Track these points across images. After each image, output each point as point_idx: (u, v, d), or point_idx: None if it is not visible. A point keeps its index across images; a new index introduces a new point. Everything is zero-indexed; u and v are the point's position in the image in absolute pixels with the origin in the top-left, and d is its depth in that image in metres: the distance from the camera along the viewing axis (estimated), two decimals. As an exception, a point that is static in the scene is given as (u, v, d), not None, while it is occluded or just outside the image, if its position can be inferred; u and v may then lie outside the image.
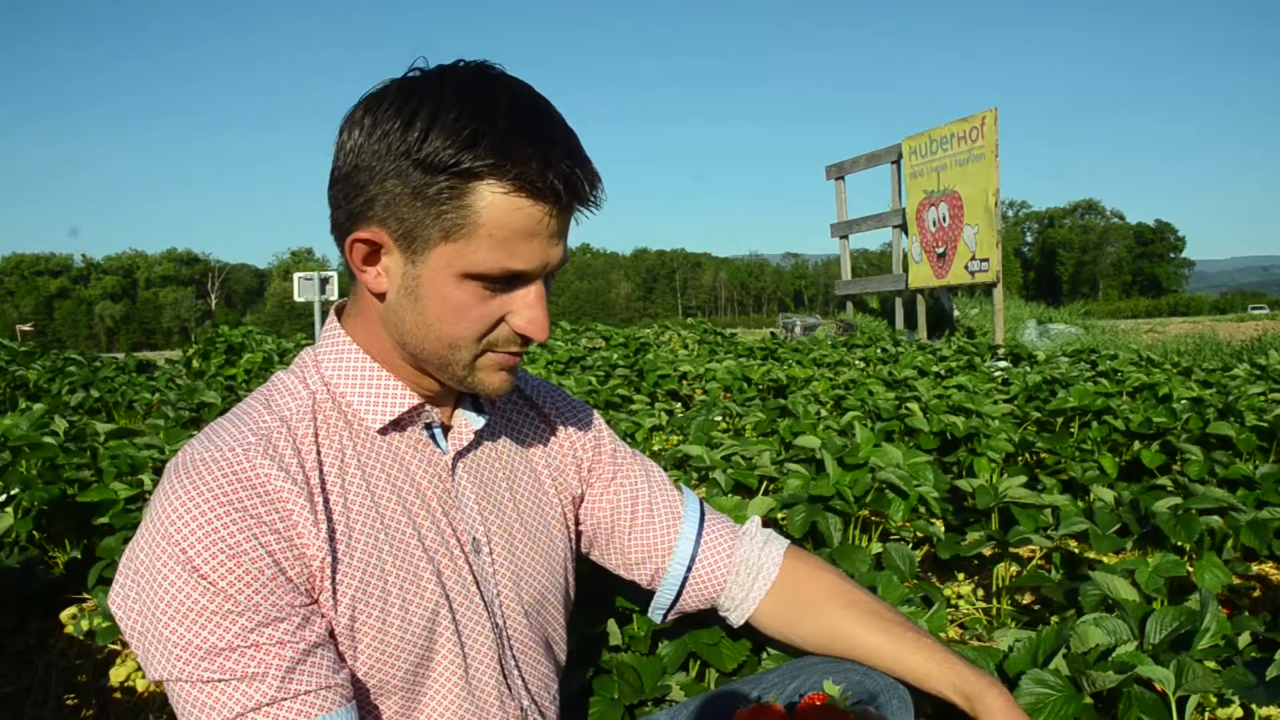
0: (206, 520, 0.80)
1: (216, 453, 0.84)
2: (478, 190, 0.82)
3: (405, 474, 0.95)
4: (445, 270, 0.85)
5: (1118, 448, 3.01)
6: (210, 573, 0.79)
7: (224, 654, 0.80)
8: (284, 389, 0.94)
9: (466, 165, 0.81)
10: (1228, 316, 22.64)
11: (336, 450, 0.91)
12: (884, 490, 2.07)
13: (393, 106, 0.84)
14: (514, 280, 0.87)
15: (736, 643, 1.31)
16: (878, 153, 11.43)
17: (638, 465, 1.19)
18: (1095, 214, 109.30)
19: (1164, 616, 1.26)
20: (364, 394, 0.94)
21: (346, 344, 0.96)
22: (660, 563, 1.15)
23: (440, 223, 0.84)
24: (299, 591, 0.84)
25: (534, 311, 0.89)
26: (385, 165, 0.84)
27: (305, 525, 0.85)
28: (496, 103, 0.83)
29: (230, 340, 6.95)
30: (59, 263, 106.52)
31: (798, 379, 5.03)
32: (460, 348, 0.89)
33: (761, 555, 1.15)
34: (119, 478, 2.22)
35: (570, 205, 0.87)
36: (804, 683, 1.09)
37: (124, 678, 1.69)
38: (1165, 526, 1.88)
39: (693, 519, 1.16)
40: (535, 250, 0.86)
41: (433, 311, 0.88)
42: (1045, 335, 11.51)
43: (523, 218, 0.83)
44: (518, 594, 1.03)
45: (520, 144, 0.82)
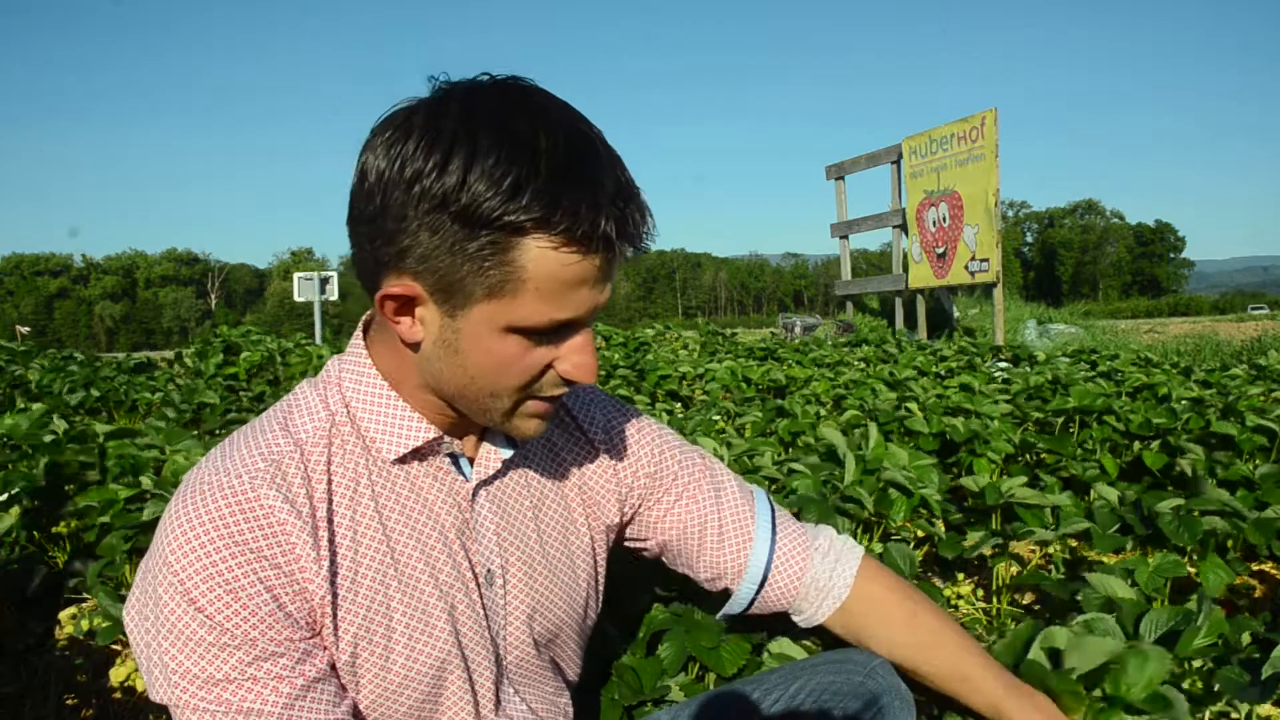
0: (205, 554, 0.79)
1: (224, 478, 0.82)
2: (523, 245, 0.76)
3: (422, 505, 0.92)
4: (487, 325, 0.80)
5: (1118, 448, 3.01)
6: (207, 606, 0.78)
7: (221, 685, 0.79)
8: (304, 407, 0.91)
9: (511, 220, 0.74)
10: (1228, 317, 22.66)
11: (350, 480, 0.88)
12: (886, 490, 2.07)
13: (422, 143, 0.76)
14: (561, 329, 0.82)
15: (735, 645, 1.30)
16: (878, 153, 11.42)
17: (707, 482, 1.13)
18: (1095, 214, 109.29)
19: (1159, 616, 1.26)
20: (380, 423, 0.90)
21: (368, 367, 0.91)
22: (729, 583, 1.13)
23: (483, 280, 0.77)
24: (299, 626, 0.83)
25: (581, 356, 0.84)
26: (418, 215, 0.76)
27: (307, 560, 0.83)
28: (537, 140, 0.75)
29: (229, 340, 6.94)
30: (59, 263, 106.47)
31: (798, 379, 5.03)
32: (502, 397, 0.85)
33: (833, 576, 1.12)
34: (117, 478, 2.22)
35: (620, 252, 0.81)
36: (805, 683, 1.09)
37: (124, 678, 1.69)
38: (1167, 528, 1.88)
39: (765, 538, 1.12)
40: (584, 298, 0.80)
41: (474, 365, 0.83)
42: (1045, 335, 11.51)
43: (573, 270, 0.78)
44: (529, 626, 1.00)
45: (569, 191, 0.75)
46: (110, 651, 1.81)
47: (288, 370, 5.76)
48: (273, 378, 5.73)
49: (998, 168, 9.31)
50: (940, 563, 2.18)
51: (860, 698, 1.06)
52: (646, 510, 1.12)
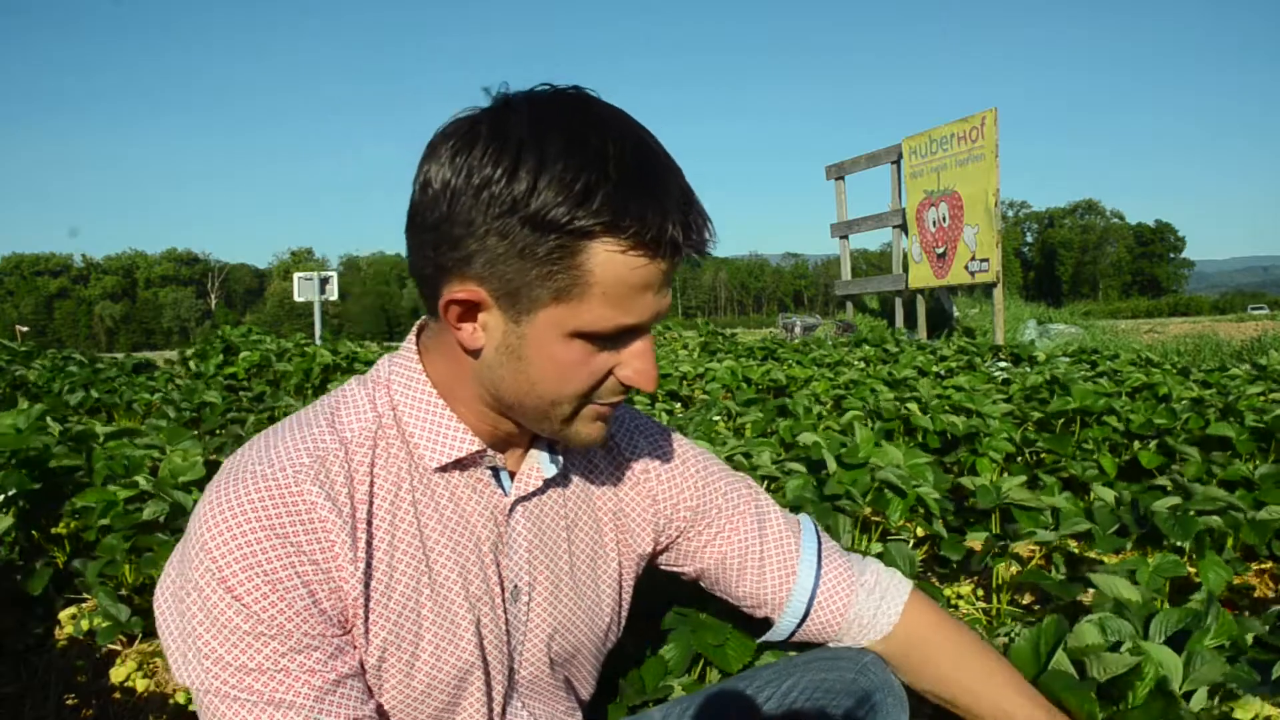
0: (246, 543, 0.79)
1: (268, 469, 0.82)
2: (591, 249, 0.77)
3: (460, 515, 0.92)
4: (553, 330, 0.80)
5: (1118, 448, 3.01)
6: (244, 595, 0.78)
7: (253, 674, 0.79)
8: (352, 406, 0.91)
9: (581, 224, 0.75)
10: (1228, 317, 22.69)
11: (392, 484, 0.88)
12: (883, 490, 2.08)
13: (489, 151, 0.76)
14: (624, 334, 0.83)
15: (740, 641, 1.30)
16: (878, 153, 11.43)
17: (751, 513, 1.12)
18: (1095, 214, 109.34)
19: (1169, 617, 1.26)
20: (426, 430, 0.89)
21: (418, 373, 0.91)
22: (770, 613, 1.12)
23: (550, 283, 0.78)
24: (332, 622, 0.83)
25: (643, 362, 0.85)
26: (486, 220, 0.76)
27: (345, 560, 0.83)
28: (605, 147, 0.76)
29: (229, 340, 6.95)
30: (59, 263, 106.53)
31: (798, 379, 5.03)
32: (563, 404, 0.85)
33: (877, 613, 1.11)
34: (108, 479, 2.22)
35: (681, 255, 0.81)
36: (798, 681, 1.09)
37: (124, 678, 1.69)
38: (1164, 527, 1.88)
39: (809, 572, 1.11)
40: (648, 303, 0.81)
41: (537, 370, 0.83)
42: (1045, 335, 11.51)
43: (640, 275, 0.79)
44: (548, 645, 1.00)
45: (637, 196, 0.76)
46: (110, 651, 1.81)
47: (286, 371, 5.76)
48: (273, 378, 5.73)
49: (998, 168, 9.32)
50: (941, 562, 2.18)
51: (853, 694, 1.06)
52: (686, 541, 1.10)
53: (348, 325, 79.38)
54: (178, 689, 1.67)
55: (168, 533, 2.02)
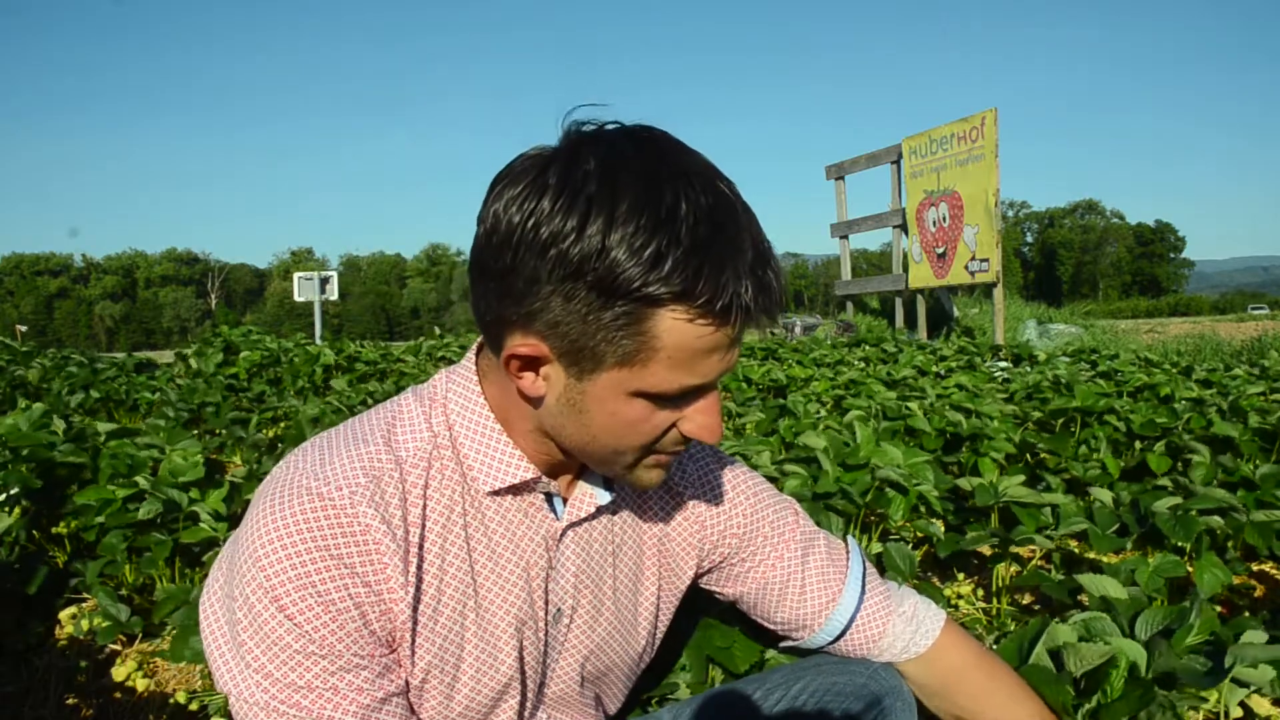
0: (300, 562, 0.78)
1: (325, 486, 0.81)
2: (659, 315, 0.74)
3: (510, 540, 0.91)
4: (615, 389, 0.79)
5: (1119, 448, 3.01)
6: (297, 614, 0.78)
7: (302, 691, 0.79)
8: (408, 423, 0.89)
9: (650, 291, 0.72)
10: (1228, 317, 22.68)
11: (445, 507, 0.87)
12: (884, 489, 2.07)
13: (559, 204, 0.73)
14: (689, 393, 0.81)
15: (747, 644, 1.31)
16: (878, 153, 11.43)
17: (796, 544, 1.11)
18: (1095, 214, 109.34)
19: (1154, 615, 1.28)
20: (481, 455, 0.88)
21: (476, 395, 0.89)
22: (805, 634, 1.12)
23: (615, 348, 0.76)
24: (381, 642, 0.83)
25: (707, 418, 0.83)
26: (552, 280, 0.74)
27: (396, 583, 0.82)
28: (679, 206, 0.72)
29: (229, 340, 6.95)
30: (59, 263, 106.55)
31: (798, 379, 5.03)
32: (625, 454, 0.85)
33: (909, 644, 1.11)
34: (112, 478, 2.22)
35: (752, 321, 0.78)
36: (808, 683, 1.09)
37: (124, 677, 1.69)
38: (1164, 527, 1.88)
39: (850, 601, 1.10)
40: (714, 365, 0.79)
41: (598, 425, 0.82)
42: (1045, 335, 11.51)
43: (707, 341, 0.76)
44: (582, 665, 1.00)
45: (710, 262, 0.73)
46: (110, 651, 1.81)
47: (286, 372, 5.76)
48: (273, 378, 5.73)
49: (998, 168, 9.32)
50: (940, 563, 2.18)
51: (862, 698, 1.06)
52: (729, 566, 1.10)
53: (348, 325, 79.44)
54: (178, 689, 1.67)
55: (165, 532, 2.02)
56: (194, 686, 1.68)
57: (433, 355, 6.78)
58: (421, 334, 9.21)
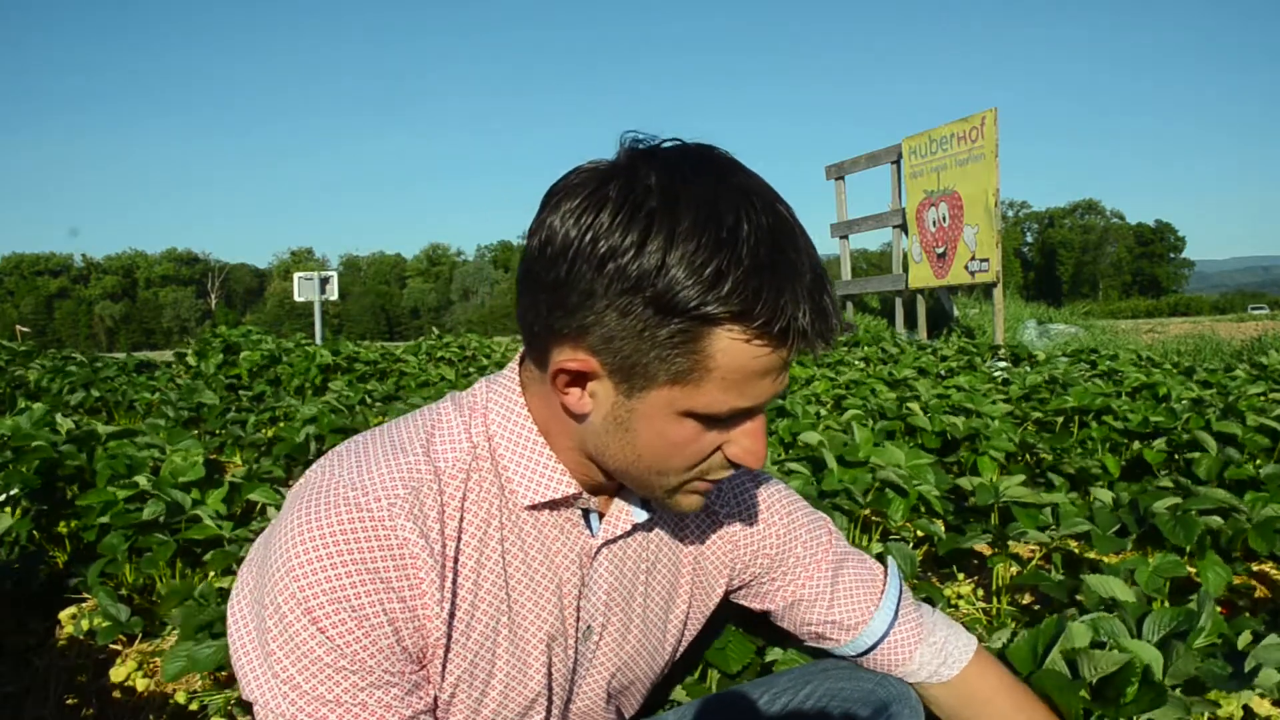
0: (335, 575, 0.77)
1: (363, 497, 0.80)
2: (715, 334, 0.73)
3: (545, 555, 0.90)
4: (664, 409, 0.78)
5: (1118, 448, 3.01)
6: (330, 628, 0.77)
7: (330, 705, 0.78)
8: (447, 433, 0.88)
9: (709, 311, 0.71)
10: (1228, 316, 22.67)
11: (482, 521, 0.86)
12: (884, 489, 2.07)
13: (619, 218, 0.72)
14: (738, 415, 0.80)
15: (741, 644, 1.30)
16: (878, 153, 11.43)
17: (827, 563, 1.10)
18: (1095, 214, 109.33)
19: (1162, 616, 1.27)
20: (522, 468, 0.87)
21: (519, 406, 0.88)
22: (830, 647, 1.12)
23: (669, 366, 0.75)
24: (412, 659, 0.82)
25: (752, 442, 0.82)
26: (608, 295, 0.73)
27: (431, 599, 0.81)
28: (740, 226, 0.72)
29: (229, 340, 6.95)
30: (59, 263, 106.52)
31: (798, 379, 5.03)
32: (668, 475, 0.83)
33: (936, 671, 1.10)
34: (110, 480, 2.22)
35: (801, 346, 0.77)
36: (816, 688, 1.09)
37: (124, 678, 1.69)
38: (1164, 527, 1.88)
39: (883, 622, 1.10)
40: (766, 387, 0.78)
41: (644, 444, 0.81)
42: (1045, 335, 11.51)
43: (762, 363, 0.75)
44: (607, 681, 1.00)
45: (770, 284, 0.72)
46: (110, 651, 1.81)
47: (286, 372, 5.76)
48: (273, 378, 5.73)
49: (998, 168, 9.32)
50: (940, 562, 2.18)
51: (870, 704, 1.06)
52: (759, 584, 1.10)
53: (348, 325, 79.41)
54: (178, 689, 1.67)
55: (166, 532, 2.02)
56: (194, 686, 1.68)
57: (432, 355, 6.78)
58: (421, 334, 9.21)
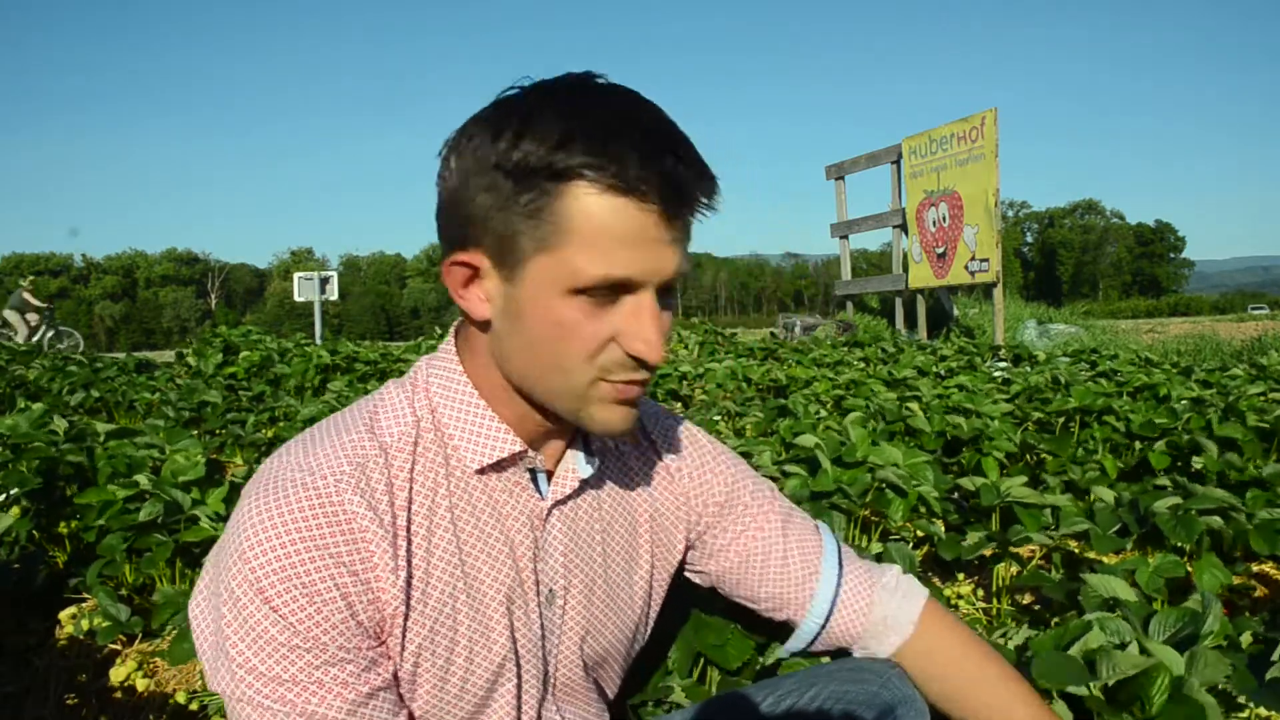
0: (286, 554, 0.78)
1: (309, 476, 0.81)
2: (571, 192, 0.75)
3: (496, 519, 0.91)
4: (546, 287, 0.78)
5: (1118, 448, 3.01)
6: (282, 606, 0.78)
7: (286, 685, 0.79)
8: (390, 409, 0.90)
9: (558, 166, 0.74)
10: (1228, 316, 22.67)
11: (429, 489, 0.87)
12: (884, 490, 2.07)
13: (487, 121, 0.78)
14: (620, 291, 0.79)
15: (741, 641, 1.30)
16: (878, 153, 11.43)
17: (775, 515, 1.11)
18: (1095, 214, 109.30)
19: (1167, 617, 1.27)
20: (466, 432, 0.89)
21: (458, 373, 0.90)
22: (793, 614, 1.11)
23: (533, 233, 0.77)
24: (368, 635, 0.83)
25: (640, 326, 0.79)
26: (478, 181, 0.78)
27: (384, 570, 0.82)
28: (593, 103, 0.77)
29: (228, 340, 6.95)
30: (59, 263, 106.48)
31: (798, 379, 5.03)
32: (570, 371, 0.81)
33: (899, 613, 1.10)
34: (110, 478, 2.22)
35: (676, 206, 0.77)
36: (820, 691, 1.08)
37: (124, 678, 1.69)
38: (1165, 527, 1.88)
39: (831, 572, 1.10)
40: (638, 257, 0.77)
41: (536, 331, 0.80)
42: (1045, 335, 11.51)
43: (621, 219, 0.75)
44: (580, 648, 1.00)
45: (616, 139, 0.74)
46: (110, 651, 1.81)
47: (285, 372, 5.76)
48: (273, 378, 5.73)
49: (998, 168, 9.32)
50: (940, 563, 2.18)
51: (875, 707, 1.05)
52: (711, 538, 1.10)
53: (348, 325, 79.39)
54: (178, 689, 1.67)
55: (165, 533, 2.02)
56: (194, 686, 1.68)
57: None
58: (422, 334, 9.20)
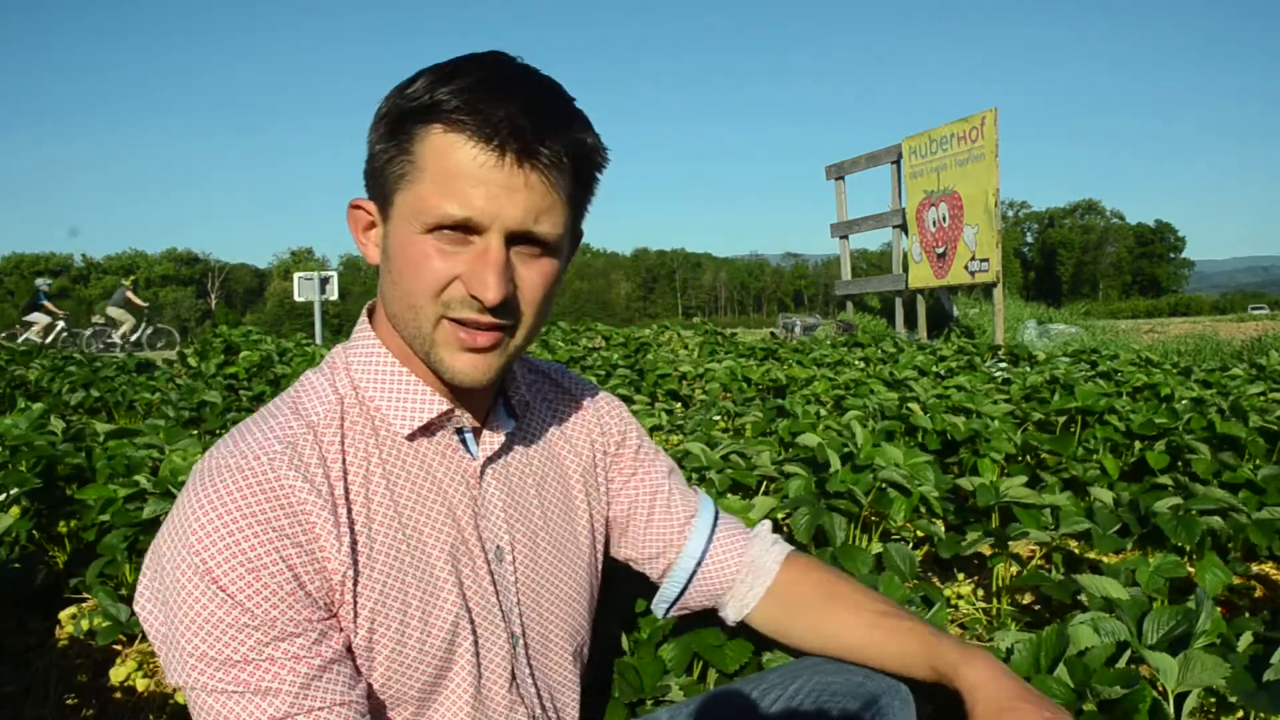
0: (228, 532, 0.80)
1: (241, 460, 0.83)
2: (426, 133, 0.82)
3: (431, 482, 0.94)
4: (405, 225, 0.85)
5: (1118, 448, 3.01)
6: (229, 585, 0.79)
7: (238, 666, 0.79)
8: (312, 391, 0.93)
9: (421, 108, 0.82)
10: (1228, 316, 22.62)
11: (362, 458, 0.90)
12: (885, 490, 2.07)
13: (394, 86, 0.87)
14: (469, 233, 0.84)
15: (739, 643, 1.30)
16: (878, 153, 11.43)
17: (660, 462, 1.18)
18: (1095, 214, 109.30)
19: (1161, 616, 1.27)
20: (392, 399, 0.92)
21: (375, 345, 0.94)
22: (671, 557, 1.14)
23: (395, 170, 0.84)
24: (317, 606, 0.84)
25: (478, 265, 0.83)
26: (372, 135, 0.87)
27: (327, 538, 0.84)
28: (473, 67, 0.84)
29: (229, 339, 6.95)
30: (59, 263, 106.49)
31: (798, 379, 5.03)
32: (419, 309, 0.86)
33: (765, 556, 1.15)
34: (110, 478, 2.22)
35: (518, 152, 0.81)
36: (805, 683, 1.09)
37: (124, 678, 1.69)
38: (1166, 527, 1.88)
39: (707, 517, 1.16)
40: (479, 197, 0.81)
41: (398, 266, 0.86)
42: (1045, 335, 11.51)
43: (460, 157, 0.81)
44: (537, 602, 1.02)
45: (480, 92, 0.81)
46: (110, 651, 1.81)
47: (286, 373, 5.76)
48: (273, 377, 5.73)
49: (998, 168, 9.32)
50: (940, 563, 2.18)
51: (859, 698, 1.05)
52: (609, 479, 1.15)
53: (348, 325, 79.21)
54: (178, 689, 1.67)
55: (168, 532, 2.02)
56: (194, 686, 1.68)
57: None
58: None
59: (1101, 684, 1.09)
